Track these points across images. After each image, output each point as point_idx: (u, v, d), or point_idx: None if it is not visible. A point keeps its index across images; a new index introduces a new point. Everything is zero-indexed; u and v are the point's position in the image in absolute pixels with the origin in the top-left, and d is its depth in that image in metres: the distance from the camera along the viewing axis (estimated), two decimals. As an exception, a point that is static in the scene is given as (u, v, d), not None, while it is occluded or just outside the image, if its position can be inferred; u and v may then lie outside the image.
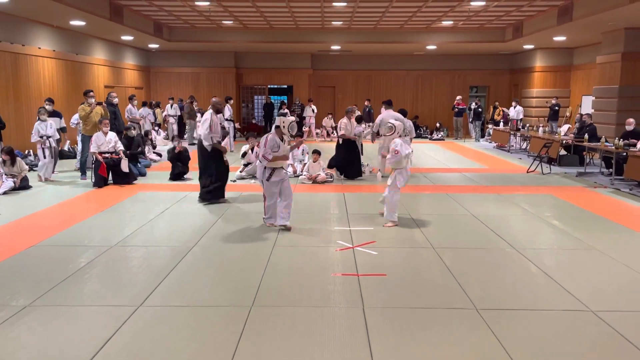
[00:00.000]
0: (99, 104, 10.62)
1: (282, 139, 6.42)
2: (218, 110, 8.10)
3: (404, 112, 11.02)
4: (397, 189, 6.75)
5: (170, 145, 12.30)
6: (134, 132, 11.03)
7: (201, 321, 3.95)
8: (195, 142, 15.57)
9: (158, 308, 4.18)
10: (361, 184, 10.00)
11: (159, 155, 13.07)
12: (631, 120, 10.56)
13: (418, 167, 11.66)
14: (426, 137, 19.75)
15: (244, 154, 10.47)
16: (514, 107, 18.14)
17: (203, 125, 7.83)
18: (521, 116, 17.76)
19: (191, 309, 4.18)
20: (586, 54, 16.75)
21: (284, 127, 6.44)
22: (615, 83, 13.09)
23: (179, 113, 17.67)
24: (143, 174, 10.53)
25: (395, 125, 7.00)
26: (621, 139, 10.08)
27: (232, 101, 16.54)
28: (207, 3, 12.52)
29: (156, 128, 16.30)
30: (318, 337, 3.70)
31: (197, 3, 12.55)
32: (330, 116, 19.13)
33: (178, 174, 10.10)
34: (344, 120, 10.61)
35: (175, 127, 17.36)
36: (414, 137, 11.67)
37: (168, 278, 4.83)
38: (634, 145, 9.73)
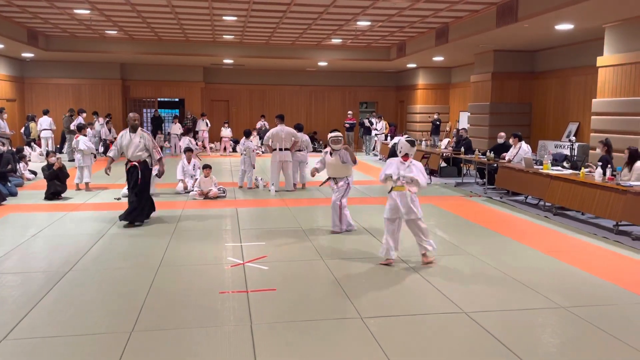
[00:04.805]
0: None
1: (330, 154, 7.23)
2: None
3: (300, 127, 11.21)
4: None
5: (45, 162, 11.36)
6: (2, 148, 10.07)
7: (74, 352, 3.65)
8: (75, 157, 14.52)
9: (24, 341, 3.80)
10: (254, 199, 9.94)
11: (34, 173, 12.02)
12: (502, 134, 11.59)
13: (311, 180, 11.83)
14: (320, 151, 20.17)
15: None
16: (379, 122, 19.21)
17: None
18: (384, 130, 18.83)
19: (63, 339, 3.85)
20: (462, 73, 18.19)
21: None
22: (487, 100, 14.33)
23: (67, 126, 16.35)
24: (14, 194, 9.62)
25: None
26: (492, 152, 11.02)
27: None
28: (87, 12, 11.82)
29: (31, 143, 15.01)
30: (203, 359, 3.58)
31: (75, 11, 11.80)
32: (226, 125, 18.89)
33: (54, 193, 9.36)
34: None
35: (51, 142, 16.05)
36: (310, 151, 11.90)
37: (38, 307, 4.42)
38: (503, 157, 10.69)
